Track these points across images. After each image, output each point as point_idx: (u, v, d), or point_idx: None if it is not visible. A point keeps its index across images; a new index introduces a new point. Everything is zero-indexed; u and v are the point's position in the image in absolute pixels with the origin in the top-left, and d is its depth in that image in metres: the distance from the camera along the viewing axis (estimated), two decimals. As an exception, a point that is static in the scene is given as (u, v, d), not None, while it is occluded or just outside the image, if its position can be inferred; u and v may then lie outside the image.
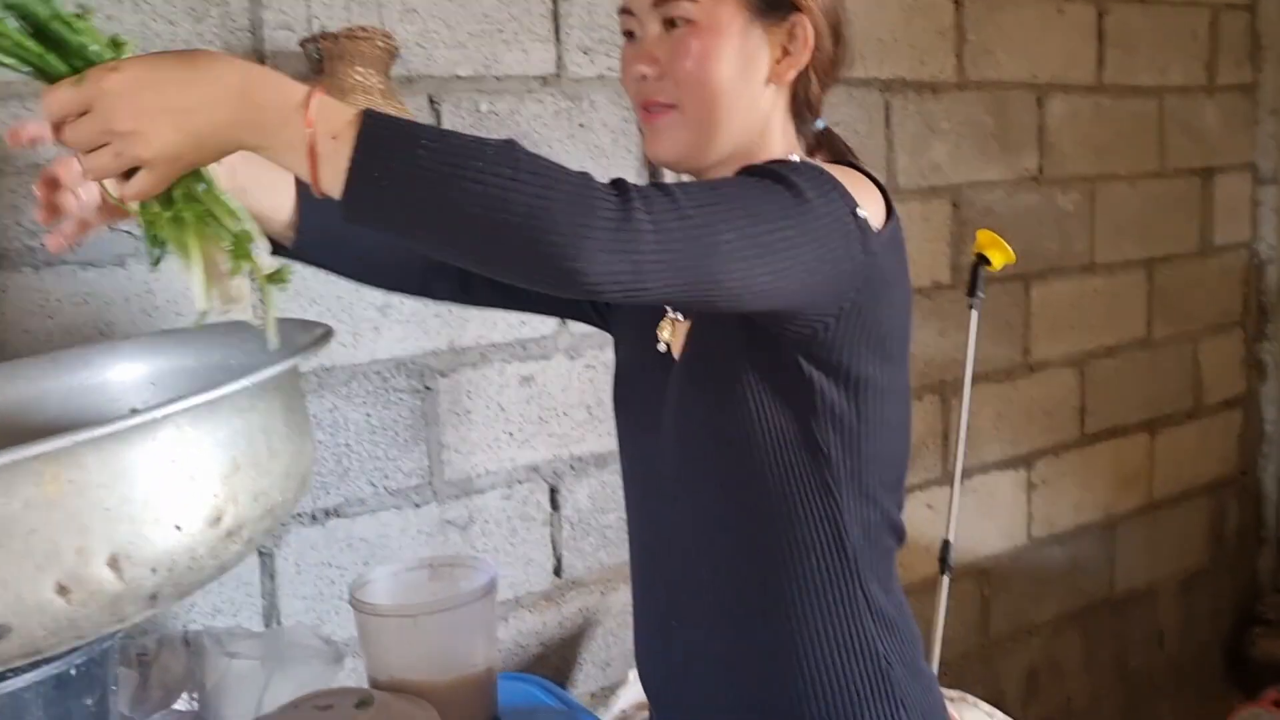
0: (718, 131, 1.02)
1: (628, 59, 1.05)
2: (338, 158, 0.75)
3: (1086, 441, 2.76)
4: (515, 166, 0.77)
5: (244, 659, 1.30)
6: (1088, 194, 2.67)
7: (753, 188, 0.89)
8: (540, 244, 0.76)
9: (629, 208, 0.79)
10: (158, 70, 0.77)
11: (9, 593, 0.72)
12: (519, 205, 0.75)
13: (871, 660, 1.03)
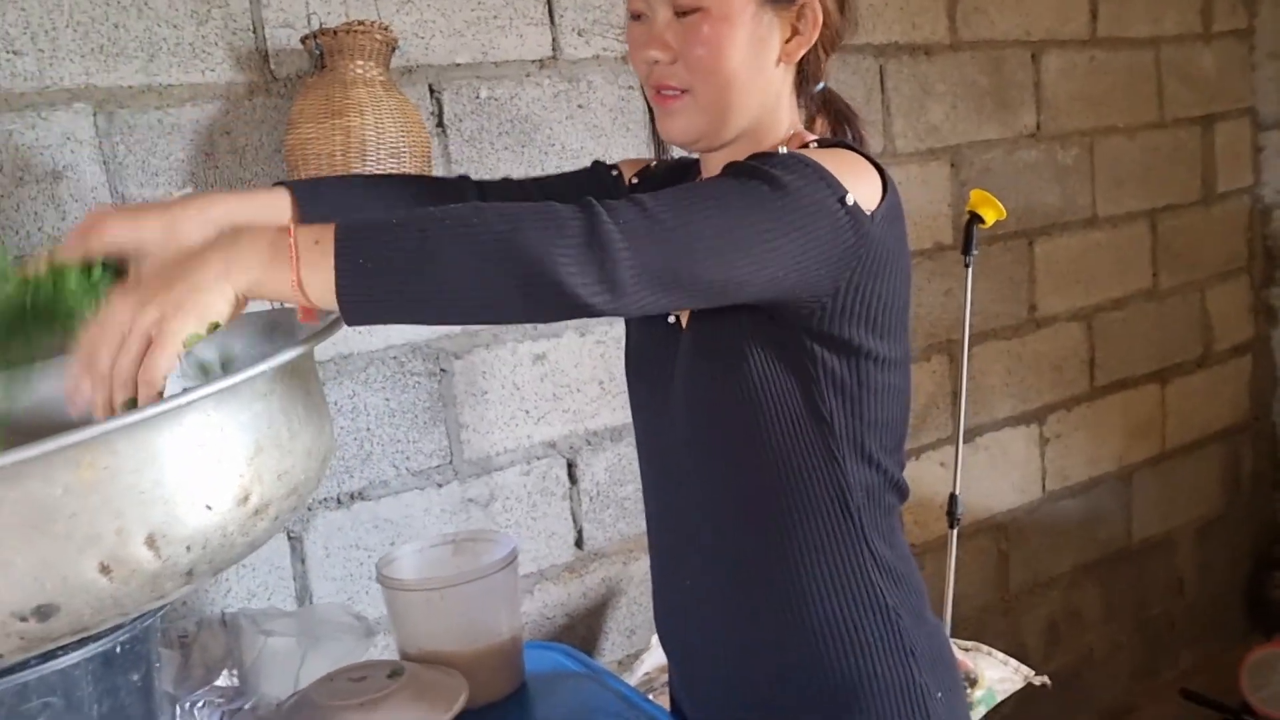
0: (730, 115, 1.05)
1: (637, 41, 1.06)
2: (323, 259, 0.80)
3: (1097, 394, 2.78)
4: (480, 215, 0.82)
5: (280, 637, 1.35)
6: (1087, 148, 2.68)
7: (729, 185, 0.92)
8: (518, 275, 0.81)
9: (595, 221, 0.83)
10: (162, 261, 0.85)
11: (55, 574, 0.77)
12: (490, 246, 0.80)
13: (880, 612, 1.07)
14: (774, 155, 0.96)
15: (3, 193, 1.41)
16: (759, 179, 0.92)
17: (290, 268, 0.81)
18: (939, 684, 1.09)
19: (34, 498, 0.74)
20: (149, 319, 0.79)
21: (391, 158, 1.52)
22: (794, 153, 0.97)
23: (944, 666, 1.12)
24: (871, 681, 1.05)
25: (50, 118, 1.44)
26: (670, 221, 0.87)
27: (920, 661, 1.08)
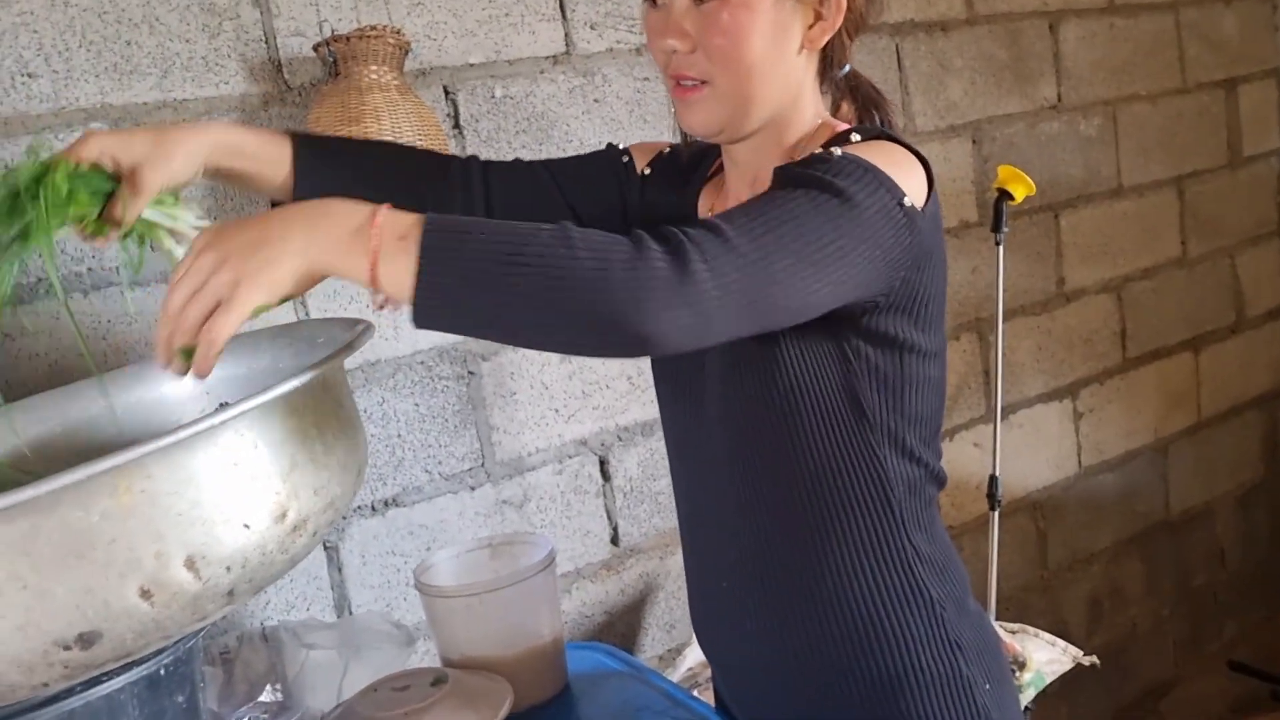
0: (752, 106, 1.02)
1: (654, 28, 1.03)
2: (405, 257, 0.79)
3: (1130, 366, 2.75)
4: (569, 244, 0.80)
5: (321, 649, 1.34)
6: (1110, 117, 2.64)
7: (800, 204, 0.89)
8: (603, 315, 0.80)
9: (684, 261, 0.81)
10: (248, 219, 0.85)
11: (96, 600, 0.76)
12: (579, 279, 0.79)
13: (924, 605, 1.05)
14: (830, 160, 0.93)
15: (24, 216, 1.41)
16: (824, 191, 0.89)
17: (368, 259, 0.79)
18: (986, 675, 1.07)
19: (72, 525, 0.74)
20: (223, 281, 0.79)
21: (410, 162, 1.50)
22: (849, 155, 0.93)
23: (990, 656, 1.10)
24: (917, 675, 1.04)
25: (68, 138, 1.43)
26: (752, 254, 0.84)
27: (966, 653, 1.06)
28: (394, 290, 0.80)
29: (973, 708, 1.05)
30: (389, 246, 0.79)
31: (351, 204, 0.83)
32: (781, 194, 0.91)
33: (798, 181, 0.91)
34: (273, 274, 0.80)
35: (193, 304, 0.80)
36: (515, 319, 0.81)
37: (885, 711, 1.05)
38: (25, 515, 0.72)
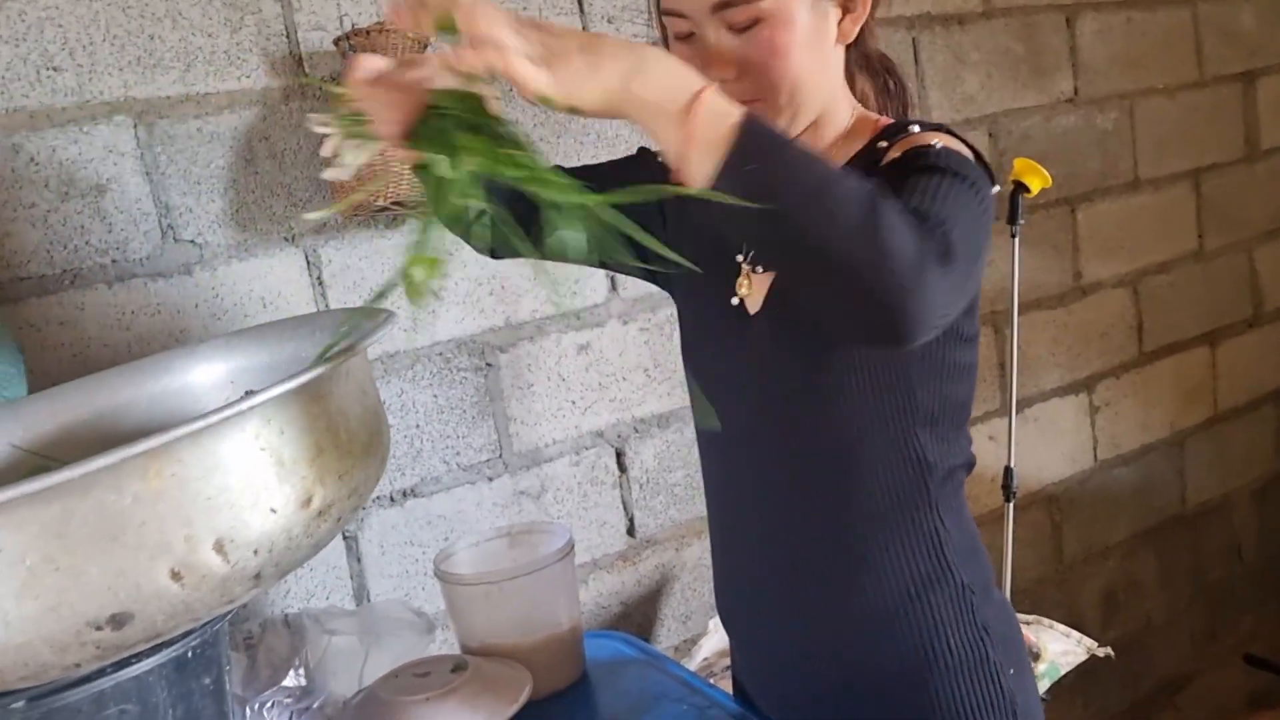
0: (801, 112, 1.03)
1: (692, 65, 0.95)
2: (715, 139, 0.77)
3: (1146, 360, 2.74)
4: (873, 206, 0.78)
5: (343, 635, 1.36)
6: (1126, 111, 2.64)
7: (958, 190, 0.89)
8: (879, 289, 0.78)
9: (948, 251, 0.81)
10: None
11: (128, 582, 0.77)
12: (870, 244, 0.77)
13: (955, 590, 1.06)
14: (935, 152, 0.93)
15: (49, 207, 1.43)
16: (963, 182, 0.90)
17: (683, 132, 0.77)
18: (1010, 660, 1.09)
19: (104, 508, 0.75)
20: (539, 43, 0.75)
21: (429, 155, 1.52)
22: (950, 149, 0.95)
23: (1014, 642, 1.12)
24: (945, 659, 1.05)
25: (92, 131, 1.45)
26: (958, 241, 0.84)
27: (993, 638, 1.08)
28: (685, 160, 0.78)
29: (998, 692, 1.07)
30: (704, 123, 0.77)
31: (680, 65, 0.80)
32: (940, 179, 0.89)
33: (932, 167, 0.91)
34: (577, 87, 0.76)
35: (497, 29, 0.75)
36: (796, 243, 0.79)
37: (912, 694, 1.06)
38: (59, 498, 0.74)
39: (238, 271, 1.56)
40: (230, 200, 1.55)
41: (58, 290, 1.44)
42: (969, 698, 1.05)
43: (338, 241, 1.63)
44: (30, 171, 1.41)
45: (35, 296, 1.43)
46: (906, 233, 0.79)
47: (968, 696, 1.05)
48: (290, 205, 1.59)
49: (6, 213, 1.40)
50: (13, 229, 1.41)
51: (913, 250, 0.78)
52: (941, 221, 0.84)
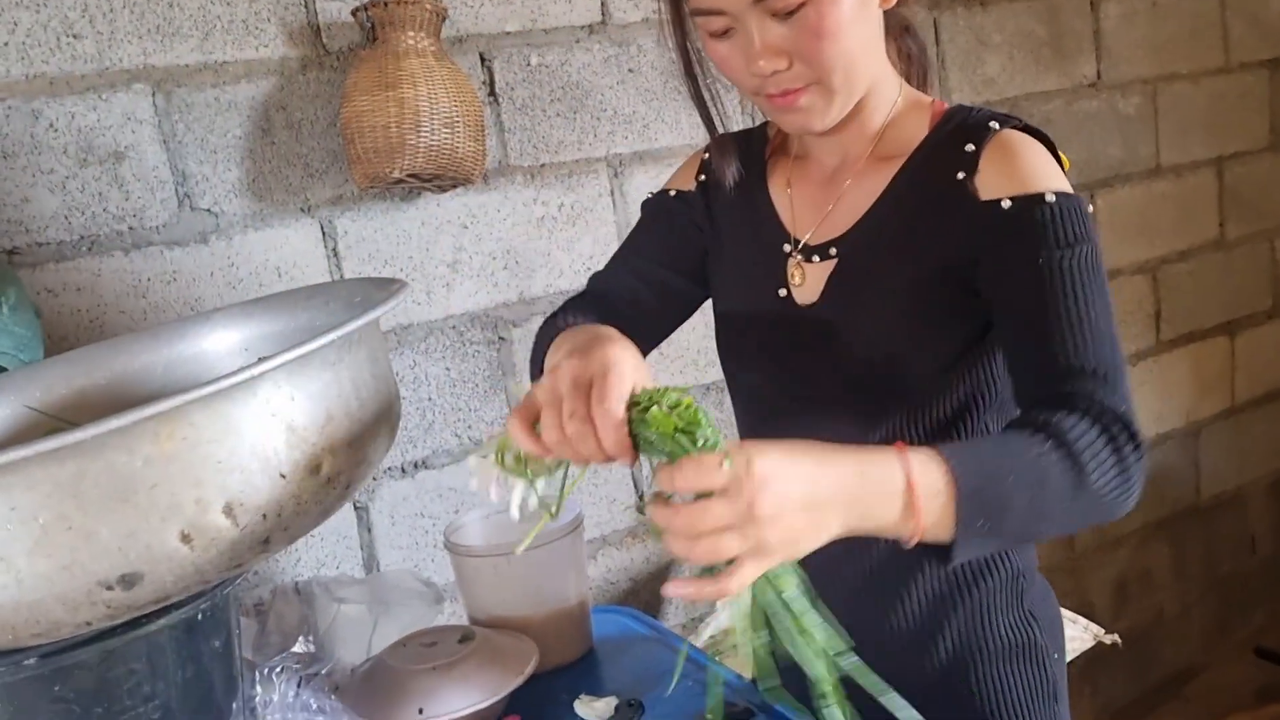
0: (856, 89, 1.01)
1: (734, 58, 0.98)
2: (944, 515, 0.81)
3: (1164, 348, 2.73)
4: (1080, 470, 0.85)
5: (352, 604, 1.37)
6: (1149, 96, 2.62)
7: (1092, 280, 0.93)
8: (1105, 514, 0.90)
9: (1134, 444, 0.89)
10: (798, 462, 0.78)
11: (139, 543, 0.78)
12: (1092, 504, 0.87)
13: (1008, 576, 1.07)
14: (1060, 218, 0.94)
15: (68, 174, 1.44)
16: (1086, 260, 0.94)
17: (915, 523, 0.80)
18: (1055, 645, 1.10)
19: (116, 469, 0.76)
20: (761, 539, 0.74)
21: (445, 128, 1.52)
22: (1066, 203, 0.95)
23: (1057, 628, 1.13)
24: (995, 644, 1.06)
25: (110, 99, 1.46)
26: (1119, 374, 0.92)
27: (1040, 623, 1.08)
28: (928, 537, 0.82)
29: (1044, 676, 1.08)
30: (928, 506, 0.80)
31: (883, 462, 0.80)
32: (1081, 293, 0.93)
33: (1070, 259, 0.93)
34: (796, 551, 0.77)
35: (726, 540, 0.74)
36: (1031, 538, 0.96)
37: (959, 679, 1.06)
38: (73, 458, 0.74)
39: (253, 241, 1.57)
40: (247, 170, 1.55)
41: (75, 256, 1.45)
42: (1017, 684, 1.06)
43: (353, 213, 1.64)
44: (49, 138, 1.42)
45: (53, 262, 1.44)
46: (1109, 465, 0.87)
47: (1015, 683, 1.06)
48: (306, 175, 1.60)
49: (26, 178, 1.41)
50: (32, 194, 1.42)
51: (1118, 476, 0.87)
52: (1112, 383, 0.90)
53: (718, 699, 1.02)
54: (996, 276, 0.97)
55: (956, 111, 1.05)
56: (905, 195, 1.03)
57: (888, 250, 1.02)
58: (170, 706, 0.92)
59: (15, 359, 1.21)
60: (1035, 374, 0.95)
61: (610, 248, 1.85)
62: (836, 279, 1.05)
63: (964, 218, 0.98)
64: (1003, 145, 0.99)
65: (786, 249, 1.09)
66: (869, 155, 1.07)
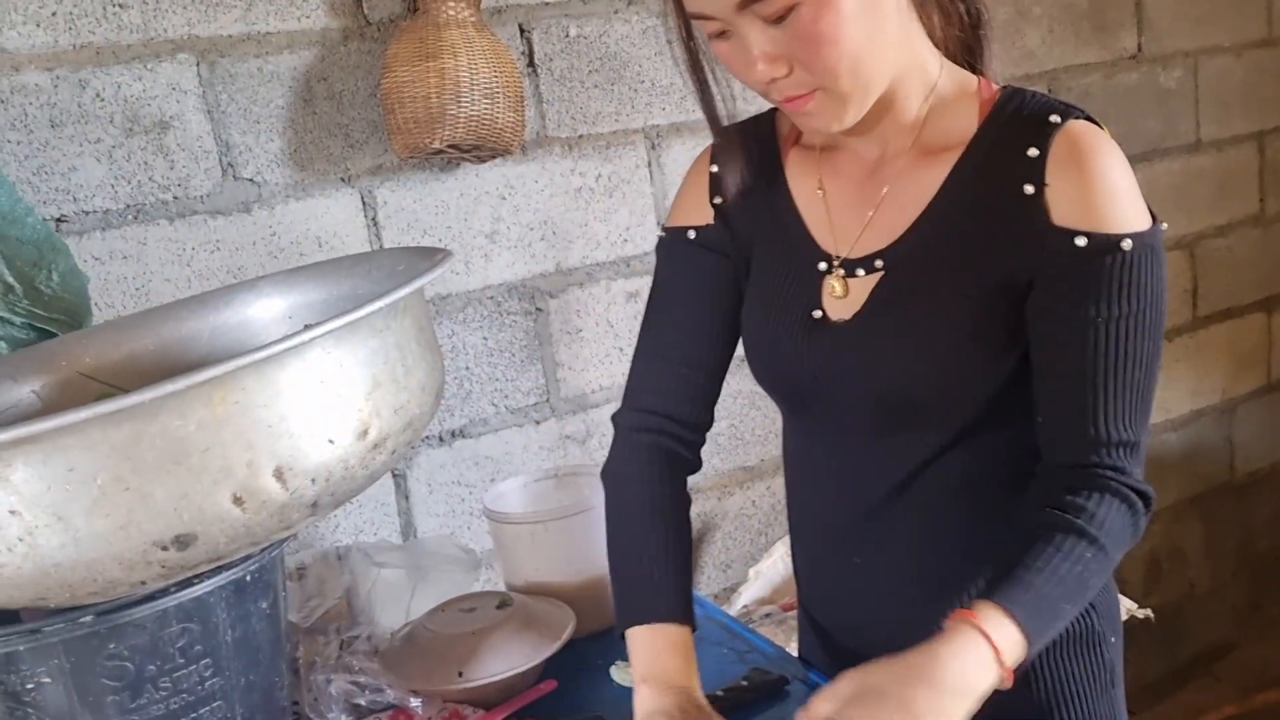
0: (871, 87, 0.92)
1: (734, 61, 0.92)
2: (1019, 649, 0.86)
3: (1200, 324, 2.71)
4: (1105, 555, 0.91)
5: (391, 569, 1.39)
6: (1190, 69, 2.58)
7: (1151, 346, 0.93)
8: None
9: (1148, 511, 0.94)
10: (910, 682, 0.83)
11: (192, 505, 0.80)
12: (1113, 565, 0.93)
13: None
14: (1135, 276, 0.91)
15: (114, 143, 1.46)
16: (1152, 325, 0.93)
17: (1006, 674, 0.85)
18: (1113, 629, 1.08)
19: (171, 432, 0.78)
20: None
21: (485, 98, 1.53)
22: (1144, 241, 0.91)
23: (1115, 611, 1.10)
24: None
25: (156, 69, 1.47)
26: (1143, 443, 0.94)
27: (1099, 609, 1.06)
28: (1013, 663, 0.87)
29: (1101, 662, 1.06)
30: (1010, 653, 0.85)
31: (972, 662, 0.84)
32: (1130, 338, 0.92)
33: (1118, 315, 0.91)
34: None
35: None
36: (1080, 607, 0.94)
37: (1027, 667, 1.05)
38: (129, 421, 0.76)
39: (295, 211, 1.59)
40: (289, 140, 1.57)
41: (121, 225, 1.47)
42: (1075, 672, 1.04)
43: (393, 183, 1.65)
44: (96, 107, 1.44)
45: (100, 230, 1.46)
46: (1128, 538, 0.93)
47: (1073, 672, 1.04)
48: (347, 146, 1.61)
49: (73, 147, 1.43)
50: (79, 163, 1.44)
51: (1132, 541, 0.94)
52: (1138, 452, 0.94)
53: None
54: (1047, 314, 0.93)
55: (1011, 98, 0.96)
56: (962, 201, 0.95)
57: (942, 263, 0.95)
58: (220, 665, 0.95)
59: (66, 325, 1.24)
60: (1064, 433, 0.95)
61: (647, 219, 1.86)
62: (881, 293, 0.98)
63: (1031, 237, 0.92)
64: (1072, 151, 0.91)
65: (823, 267, 1.01)
66: (913, 149, 0.98)
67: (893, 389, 0.98)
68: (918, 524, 1.03)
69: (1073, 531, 0.89)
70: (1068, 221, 0.91)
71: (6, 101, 1.39)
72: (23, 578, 0.80)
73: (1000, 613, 0.85)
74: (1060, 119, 0.93)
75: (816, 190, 1.04)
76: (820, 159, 1.05)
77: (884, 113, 0.97)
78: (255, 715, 0.99)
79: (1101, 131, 0.93)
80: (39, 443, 0.76)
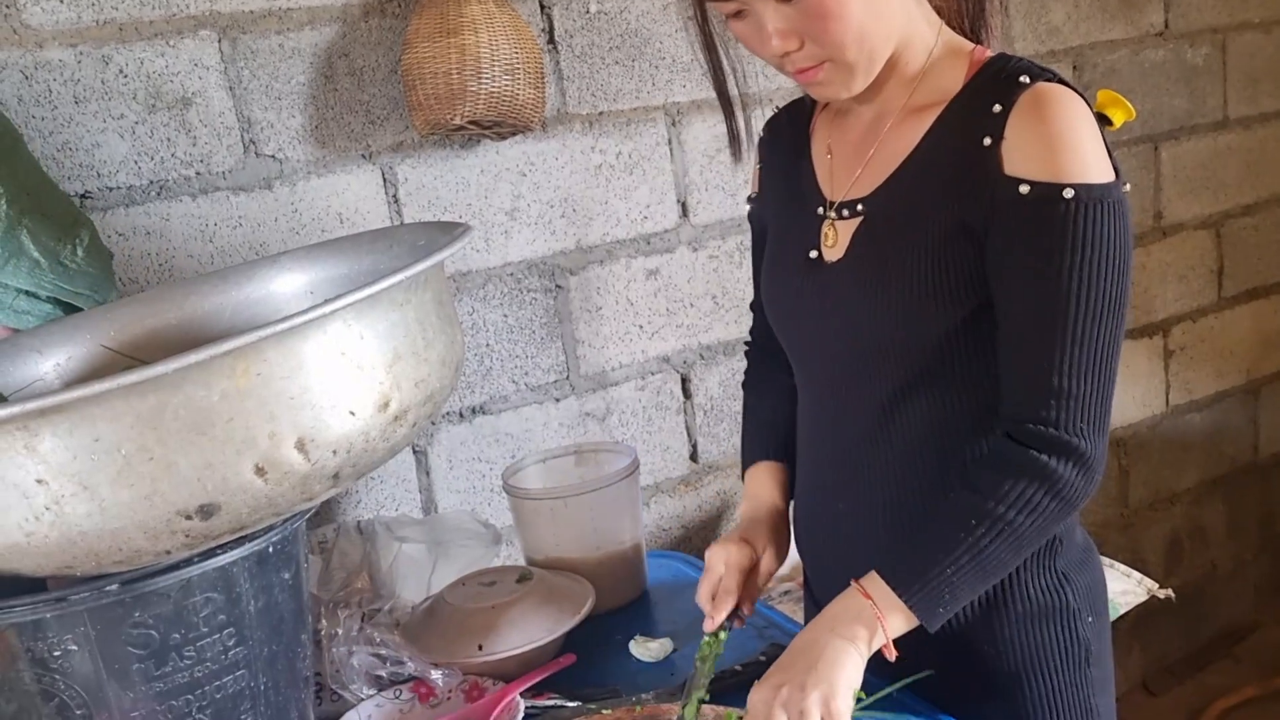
0: (876, 57, 1.00)
1: (749, 39, 1.01)
2: (907, 620, 0.98)
3: (1225, 305, 2.69)
4: (1003, 523, 0.96)
5: (413, 543, 1.40)
6: (1218, 46, 2.55)
7: (1097, 308, 0.94)
8: (1046, 535, 1.01)
9: (1081, 460, 0.96)
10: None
11: (216, 475, 0.81)
12: (1030, 537, 0.98)
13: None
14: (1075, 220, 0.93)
15: (137, 119, 1.46)
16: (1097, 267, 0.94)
17: (882, 631, 0.97)
18: (1091, 608, 1.09)
19: (195, 403, 0.79)
20: (812, 703, 0.92)
21: (505, 75, 1.52)
22: (1092, 193, 0.94)
23: (1096, 588, 1.12)
24: (1023, 604, 1.06)
25: (178, 45, 1.48)
26: (1098, 399, 0.96)
27: (1073, 585, 1.08)
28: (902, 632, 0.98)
29: (1073, 638, 1.07)
30: (893, 622, 0.97)
31: (847, 606, 0.99)
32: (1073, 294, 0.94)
33: (1065, 262, 0.94)
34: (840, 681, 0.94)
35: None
36: (993, 579, 1.00)
37: (983, 638, 1.07)
38: (154, 391, 0.77)
39: (316, 187, 1.59)
40: (310, 116, 1.57)
41: (144, 201, 1.48)
42: (1045, 645, 1.06)
43: (414, 160, 1.65)
44: (119, 83, 1.45)
45: (123, 206, 1.47)
46: (1045, 510, 0.97)
47: (1044, 644, 1.06)
48: (368, 122, 1.61)
49: (97, 123, 1.44)
50: (102, 139, 1.45)
51: (1058, 511, 0.98)
52: (1083, 405, 0.96)
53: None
54: (1000, 261, 0.98)
55: (995, 61, 1.02)
56: (933, 152, 1.02)
57: (909, 208, 1.02)
58: (243, 635, 0.96)
59: (90, 299, 1.25)
60: (1012, 380, 1.00)
61: (667, 196, 1.86)
62: (860, 236, 1.06)
63: (985, 187, 0.97)
64: (1033, 106, 0.96)
65: (821, 211, 1.10)
66: (905, 106, 1.05)
67: (860, 327, 1.05)
68: (889, 471, 1.08)
69: (971, 510, 0.97)
70: (1017, 171, 0.96)
71: (31, 78, 1.40)
72: (50, 546, 0.81)
73: (880, 582, 0.98)
74: (1030, 80, 0.97)
75: (826, 152, 1.14)
76: (833, 123, 1.15)
77: (886, 78, 1.04)
78: (278, 685, 1.00)
79: (1071, 94, 0.97)
80: (65, 413, 0.76)
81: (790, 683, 0.94)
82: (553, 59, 1.74)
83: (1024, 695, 1.07)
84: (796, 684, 0.93)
